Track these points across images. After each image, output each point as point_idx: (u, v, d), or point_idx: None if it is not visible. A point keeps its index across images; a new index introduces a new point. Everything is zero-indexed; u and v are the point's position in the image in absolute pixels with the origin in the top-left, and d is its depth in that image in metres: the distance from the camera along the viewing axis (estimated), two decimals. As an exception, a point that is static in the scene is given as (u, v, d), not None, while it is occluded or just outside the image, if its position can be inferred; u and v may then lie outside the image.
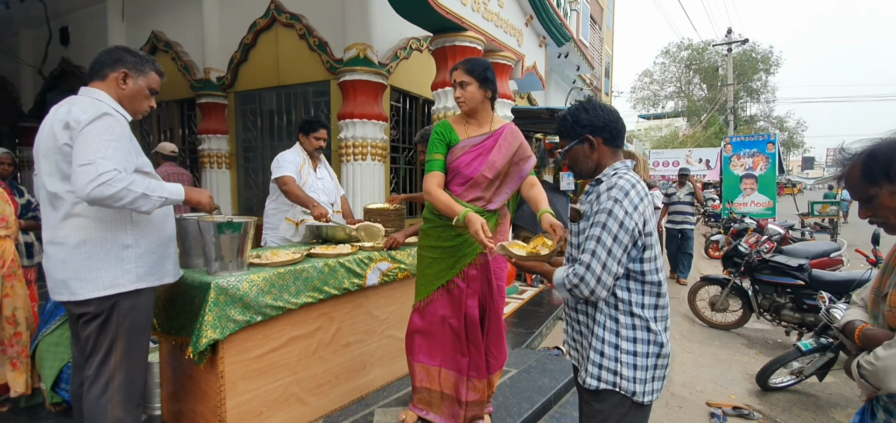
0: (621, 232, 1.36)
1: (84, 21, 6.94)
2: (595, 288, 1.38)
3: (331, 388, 2.40)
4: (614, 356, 1.42)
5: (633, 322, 1.43)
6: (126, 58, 1.75)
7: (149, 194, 1.59)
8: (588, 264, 1.38)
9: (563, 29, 6.21)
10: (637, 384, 1.41)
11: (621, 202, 1.38)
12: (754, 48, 26.55)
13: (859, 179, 1.26)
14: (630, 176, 1.46)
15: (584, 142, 1.51)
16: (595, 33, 13.66)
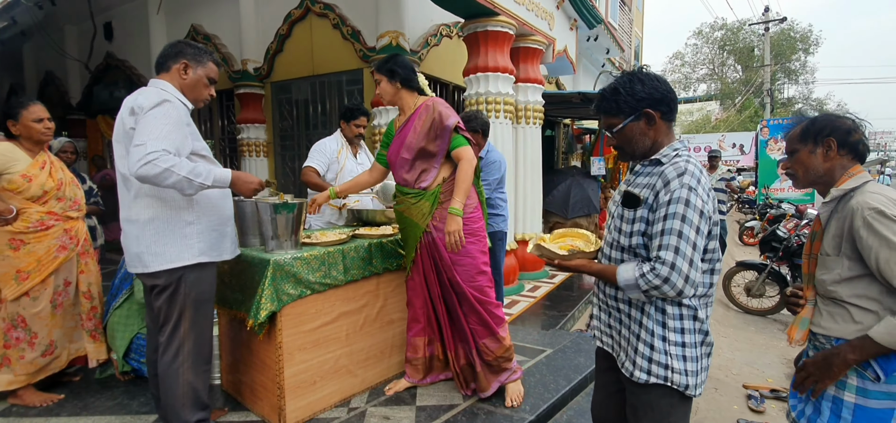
0: (703, 223, 1.28)
1: (126, 16, 7.25)
2: (684, 288, 1.27)
3: (376, 361, 2.53)
4: (664, 349, 1.35)
5: (681, 312, 1.36)
6: (186, 50, 1.89)
7: (192, 179, 1.67)
8: (673, 264, 1.26)
9: (594, 11, 6.12)
10: (689, 377, 1.35)
11: (696, 190, 1.27)
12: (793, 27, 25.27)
13: (798, 135, 1.47)
14: (693, 159, 1.36)
15: (641, 117, 1.37)
16: (624, 15, 13.32)
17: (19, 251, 2.28)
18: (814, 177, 1.47)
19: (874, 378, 1.33)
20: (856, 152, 1.42)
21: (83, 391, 2.55)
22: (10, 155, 2.27)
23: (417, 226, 2.26)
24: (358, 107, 3.19)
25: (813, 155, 1.44)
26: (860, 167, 1.43)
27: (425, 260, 2.31)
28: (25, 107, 2.33)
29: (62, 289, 2.43)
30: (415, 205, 2.24)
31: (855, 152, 1.42)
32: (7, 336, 2.31)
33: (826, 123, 1.43)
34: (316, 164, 3.06)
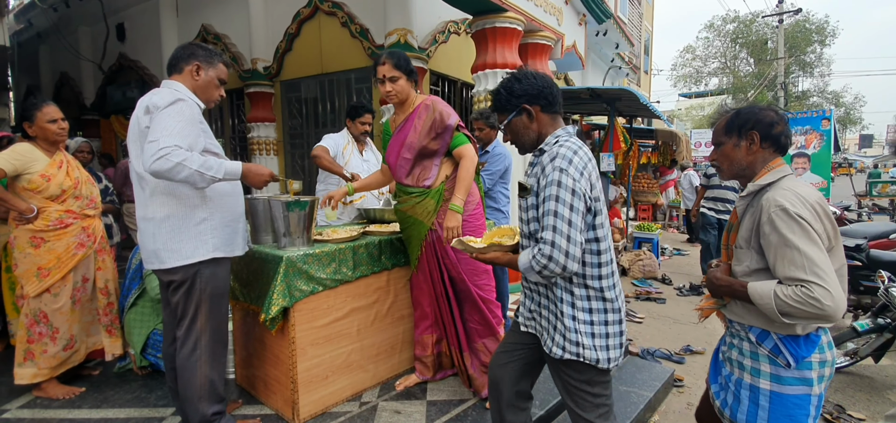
0: (575, 199, 1.37)
1: (138, 17, 7.36)
2: (566, 263, 1.37)
3: (387, 356, 2.56)
4: (574, 328, 1.46)
5: (588, 293, 1.46)
6: (198, 52, 1.93)
7: (203, 172, 1.71)
8: (552, 242, 1.37)
9: (602, 5, 6.08)
10: (599, 351, 1.46)
11: (567, 171, 1.38)
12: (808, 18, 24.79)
13: (723, 127, 1.52)
14: (571, 142, 1.45)
15: (521, 113, 1.50)
16: (634, 9, 13.18)
17: (40, 249, 2.35)
18: (737, 169, 1.50)
19: (785, 365, 1.37)
20: (778, 145, 1.45)
21: (103, 384, 2.62)
22: (29, 155, 2.34)
23: (422, 224, 2.27)
24: (363, 105, 3.22)
25: (737, 148, 1.48)
26: (781, 160, 1.45)
27: (430, 258, 2.32)
28: (39, 108, 2.38)
29: (80, 285, 2.50)
30: (419, 203, 2.26)
31: (777, 145, 1.45)
32: (30, 331, 2.38)
33: (750, 115, 1.47)
34: (325, 144, 3.10)
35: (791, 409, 1.37)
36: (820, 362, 1.38)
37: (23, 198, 2.33)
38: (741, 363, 1.46)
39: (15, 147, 2.35)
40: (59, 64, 8.99)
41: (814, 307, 1.24)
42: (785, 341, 1.37)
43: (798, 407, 1.37)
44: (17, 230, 2.35)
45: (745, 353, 1.45)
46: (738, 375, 1.47)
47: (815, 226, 1.29)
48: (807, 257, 1.26)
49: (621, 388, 2.74)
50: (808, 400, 1.37)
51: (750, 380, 1.43)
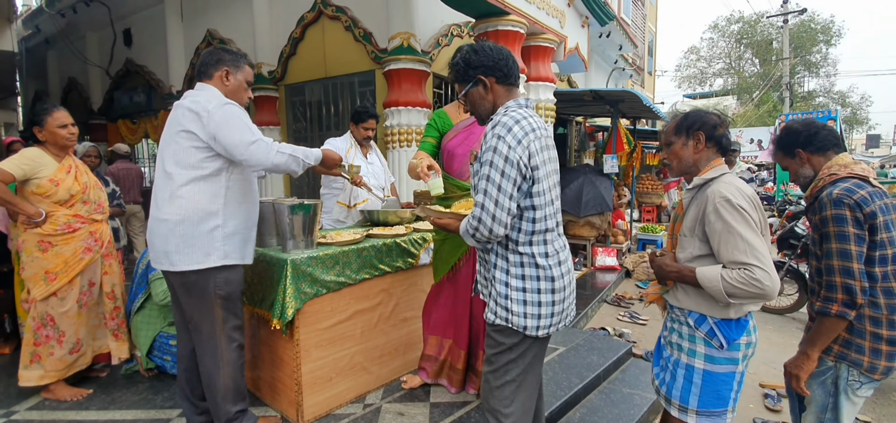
0: (508, 166, 1.40)
1: (145, 22, 7.44)
2: (492, 226, 1.42)
3: (391, 359, 2.57)
4: (505, 293, 1.50)
5: (521, 260, 1.50)
6: (225, 57, 1.97)
7: (297, 157, 1.93)
8: (482, 205, 1.42)
9: (605, 7, 6.08)
10: (528, 319, 1.48)
11: (504, 138, 1.41)
12: (813, 18, 24.65)
13: (673, 129, 1.66)
14: (517, 112, 1.48)
15: (477, 84, 1.55)
16: (637, 10, 13.16)
17: (47, 253, 2.38)
18: (685, 167, 1.65)
19: (719, 346, 1.53)
20: (719, 145, 1.61)
21: (110, 386, 2.65)
22: (38, 160, 2.37)
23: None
24: (367, 109, 3.24)
25: (685, 147, 1.63)
26: (721, 160, 1.61)
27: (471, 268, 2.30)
28: (50, 113, 2.41)
29: (87, 289, 2.52)
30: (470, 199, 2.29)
31: (719, 145, 1.61)
32: (37, 334, 2.41)
33: (696, 118, 1.63)
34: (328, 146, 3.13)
35: (719, 386, 1.55)
36: (747, 343, 1.55)
37: (31, 202, 2.36)
38: (680, 345, 1.61)
39: (24, 152, 2.38)
40: (67, 69, 9.09)
41: (755, 287, 1.41)
42: (719, 324, 1.53)
43: (725, 384, 1.55)
44: (25, 234, 2.38)
45: (684, 336, 1.60)
46: (676, 356, 1.62)
47: (753, 215, 1.46)
48: (748, 243, 1.42)
49: (625, 390, 2.74)
50: (733, 377, 1.55)
51: (686, 360, 1.59)
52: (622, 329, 4.16)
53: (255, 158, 1.82)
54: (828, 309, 1.55)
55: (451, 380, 2.47)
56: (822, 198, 1.60)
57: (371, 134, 3.26)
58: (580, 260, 5.89)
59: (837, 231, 1.54)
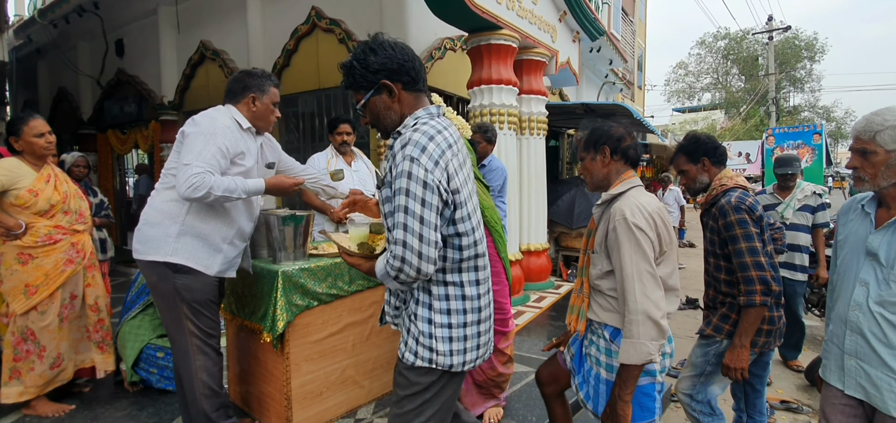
0: (427, 193, 1.19)
1: (138, 33, 7.41)
2: (420, 265, 1.20)
3: (383, 372, 2.54)
4: (429, 332, 1.31)
5: (447, 292, 1.31)
6: (250, 83, 1.98)
7: (228, 195, 1.82)
8: (403, 242, 1.19)
9: (596, 23, 6.18)
10: (454, 357, 1.32)
11: (418, 160, 1.19)
12: (797, 35, 25.27)
13: (582, 144, 1.67)
14: (430, 126, 1.26)
15: (381, 90, 1.29)
16: (627, 26, 13.40)
17: (28, 266, 2.32)
18: (597, 181, 1.65)
19: None
20: (627, 158, 1.61)
21: (93, 401, 2.57)
22: (16, 171, 2.31)
23: None
24: (338, 117, 3.25)
25: (594, 162, 1.64)
26: (631, 172, 1.63)
27: None
28: (26, 122, 2.36)
29: (69, 302, 2.46)
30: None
31: (626, 158, 1.61)
32: (17, 349, 2.34)
33: (602, 133, 1.62)
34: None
35: (641, 398, 1.54)
36: (662, 354, 1.56)
37: (10, 214, 2.30)
38: (598, 358, 1.60)
39: (1, 162, 2.32)
40: (58, 79, 9.01)
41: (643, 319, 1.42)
42: None
43: (646, 396, 1.55)
44: (3, 247, 2.31)
45: (601, 349, 1.58)
46: (596, 370, 1.61)
47: (650, 234, 1.46)
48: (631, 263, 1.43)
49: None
50: (654, 388, 1.56)
51: (605, 375, 1.57)
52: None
53: (178, 180, 1.78)
54: (752, 301, 1.74)
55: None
56: (723, 204, 1.83)
57: (346, 138, 3.23)
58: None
59: (744, 233, 1.77)
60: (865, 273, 1.40)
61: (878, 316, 1.36)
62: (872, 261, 1.39)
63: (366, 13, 4.94)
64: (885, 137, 1.33)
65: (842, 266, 1.49)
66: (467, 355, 1.35)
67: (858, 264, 1.43)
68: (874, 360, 1.38)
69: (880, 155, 1.35)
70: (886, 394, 1.35)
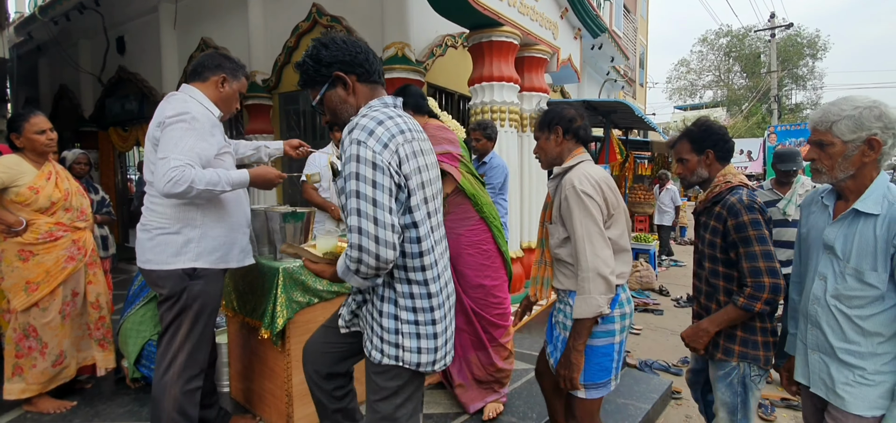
0: (378, 174, 1.16)
1: (138, 30, 7.40)
2: (379, 251, 1.15)
3: (383, 369, 2.54)
4: (395, 328, 1.30)
5: (411, 290, 1.29)
6: (225, 64, 1.91)
7: (212, 188, 1.71)
8: (359, 229, 1.15)
9: (597, 20, 6.16)
10: (422, 354, 1.30)
11: (365, 143, 1.17)
12: (799, 32, 25.19)
13: (537, 126, 1.76)
14: (382, 112, 1.25)
15: (336, 84, 1.30)
16: (629, 23, 13.36)
17: (28, 263, 2.31)
18: (551, 159, 1.75)
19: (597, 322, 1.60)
20: (578, 136, 1.71)
21: (95, 398, 2.58)
22: (16, 168, 2.30)
23: None
24: None
25: (548, 141, 1.73)
26: (582, 149, 1.73)
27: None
28: (27, 119, 2.35)
29: (70, 299, 2.46)
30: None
31: (577, 137, 1.71)
32: (19, 346, 2.34)
33: (554, 114, 1.73)
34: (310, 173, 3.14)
35: (600, 358, 1.63)
36: (621, 315, 1.64)
37: (11, 211, 2.29)
38: (565, 324, 1.68)
39: (1, 159, 2.32)
40: (59, 76, 9.02)
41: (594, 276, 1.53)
42: None
43: (605, 356, 1.63)
44: (4, 243, 2.31)
45: (568, 315, 1.66)
46: (563, 334, 1.68)
47: (597, 198, 1.57)
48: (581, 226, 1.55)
49: (619, 400, 2.72)
50: (613, 348, 1.64)
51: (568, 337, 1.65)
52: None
53: (155, 176, 1.68)
54: (752, 306, 1.59)
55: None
56: (734, 203, 1.63)
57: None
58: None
59: (758, 234, 1.59)
60: (823, 267, 1.38)
61: (835, 309, 1.34)
62: (829, 254, 1.36)
63: (366, 10, 4.93)
64: (842, 127, 1.29)
65: (803, 260, 1.48)
66: (437, 354, 1.33)
67: (817, 257, 1.41)
68: (832, 355, 1.36)
69: (837, 146, 1.31)
70: (845, 389, 1.33)
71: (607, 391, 1.67)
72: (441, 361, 1.35)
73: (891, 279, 1.26)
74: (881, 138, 1.27)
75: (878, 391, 1.29)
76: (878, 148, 1.28)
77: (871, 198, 1.29)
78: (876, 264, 1.27)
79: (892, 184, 1.31)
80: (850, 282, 1.31)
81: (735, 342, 1.68)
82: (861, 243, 1.29)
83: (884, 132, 1.27)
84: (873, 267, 1.27)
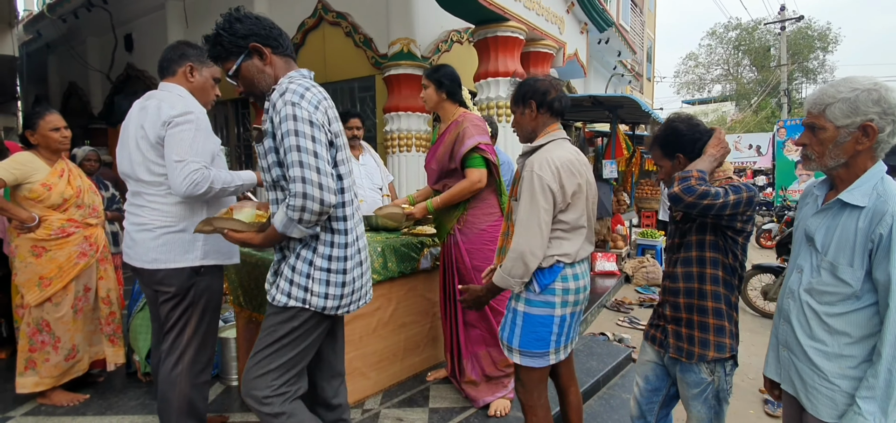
0: (316, 130, 1.30)
1: (146, 28, 7.46)
2: (323, 196, 1.29)
3: (389, 364, 2.56)
4: (307, 272, 1.38)
5: (332, 239, 1.40)
6: (189, 52, 1.83)
7: (226, 188, 1.76)
8: (303, 178, 1.27)
9: (604, 14, 6.11)
10: (328, 300, 1.40)
11: (299, 104, 1.29)
12: (810, 25, 24.80)
13: (512, 101, 1.77)
14: (304, 82, 1.37)
15: (252, 55, 1.38)
16: (636, 17, 13.23)
17: (41, 258, 2.35)
18: (527, 133, 1.74)
19: (535, 292, 1.64)
20: (552, 110, 1.69)
21: (107, 391, 2.63)
22: (30, 165, 2.33)
23: (444, 227, 2.39)
24: (349, 111, 3.23)
25: (523, 115, 1.72)
26: (557, 124, 1.72)
27: (446, 261, 2.40)
28: (42, 117, 2.38)
29: (82, 295, 2.49)
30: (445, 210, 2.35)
31: (552, 110, 1.69)
32: (32, 340, 2.38)
33: (528, 87, 1.71)
34: None
35: (536, 326, 1.65)
36: (563, 289, 1.64)
37: (24, 207, 2.33)
38: (518, 295, 1.70)
39: (15, 157, 2.35)
40: (68, 74, 9.11)
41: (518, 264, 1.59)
42: (535, 272, 1.64)
43: (542, 326, 1.65)
44: (18, 239, 2.36)
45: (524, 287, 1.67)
46: (514, 305, 1.72)
47: (551, 186, 1.57)
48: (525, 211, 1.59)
49: (624, 396, 2.73)
50: (552, 320, 1.65)
51: (513, 305, 1.72)
52: (621, 334, 4.15)
53: (173, 179, 1.65)
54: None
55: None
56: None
57: (357, 133, 3.23)
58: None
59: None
60: (802, 259, 1.30)
61: (805, 304, 1.26)
62: (809, 246, 1.29)
63: (372, 6, 4.93)
64: (836, 110, 1.18)
65: (792, 255, 1.40)
66: (343, 300, 1.43)
67: (799, 248, 1.34)
68: (799, 352, 1.28)
69: (829, 131, 1.19)
70: (812, 391, 1.25)
71: (545, 364, 1.68)
72: (346, 307, 1.45)
73: (867, 277, 1.17)
74: (877, 125, 1.15)
75: (844, 397, 1.20)
76: (873, 135, 1.16)
77: (860, 189, 1.19)
78: (853, 260, 1.18)
79: (888, 177, 1.20)
80: (824, 276, 1.23)
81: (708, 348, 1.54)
82: (842, 236, 1.20)
83: (881, 118, 1.15)
84: (850, 262, 1.18)
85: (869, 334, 1.18)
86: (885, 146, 1.19)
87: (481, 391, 2.37)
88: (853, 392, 1.19)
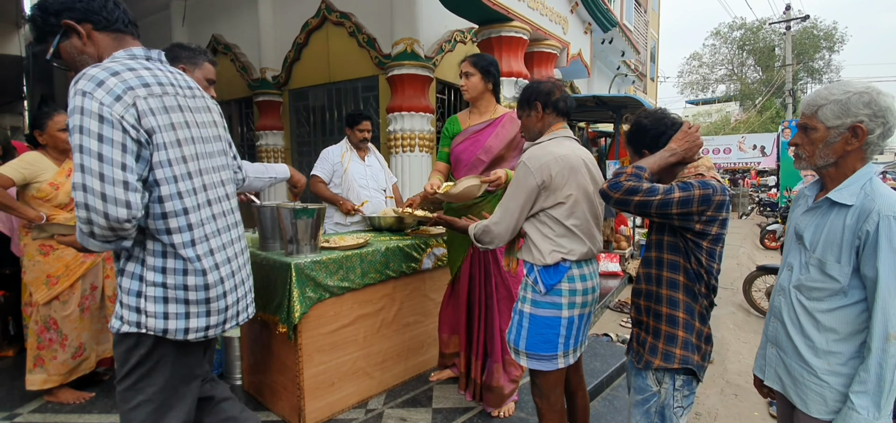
0: (105, 128, 1.07)
1: (149, 28, 7.48)
2: (108, 210, 1.07)
3: (393, 364, 2.57)
4: (138, 291, 1.19)
5: (163, 249, 1.20)
6: (181, 54, 1.82)
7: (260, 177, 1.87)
8: (83, 185, 1.07)
9: (608, 14, 6.10)
10: (170, 320, 1.19)
11: (92, 94, 1.07)
12: (816, 24, 24.67)
13: (518, 105, 1.78)
14: (120, 63, 1.15)
15: (68, 34, 1.19)
16: (640, 17, 13.20)
17: (49, 257, 2.38)
18: (534, 135, 1.76)
19: (541, 292, 1.63)
20: (558, 110, 1.71)
21: (113, 389, 2.64)
22: (38, 165, 2.37)
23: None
24: (360, 112, 3.28)
25: (530, 118, 1.74)
26: (562, 124, 1.73)
27: (476, 263, 2.33)
28: (51, 117, 2.41)
29: (89, 293, 2.52)
30: (481, 204, 2.29)
31: (557, 110, 1.71)
32: (40, 338, 2.41)
33: (532, 90, 1.73)
34: (320, 172, 3.18)
35: (543, 329, 1.63)
36: (569, 290, 1.62)
37: (32, 206, 2.37)
38: (524, 296, 1.70)
39: (24, 157, 2.38)
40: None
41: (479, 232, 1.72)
42: (541, 271, 1.64)
43: (549, 327, 1.63)
44: (25, 238, 2.39)
45: (525, 286, 1.70)
46: (520, 306, 1.71)
47: (536, 176, 1.59)
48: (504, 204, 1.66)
49: (627, 397, 2.72)
50: (559, 321, 1.63)
51: (520, 307, 1.71)
52: (625, 335, 4.14)
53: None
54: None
55: (460, 381, 2.48)
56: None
57: (367, 136, 3.26)
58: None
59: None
60: (792, 256, 1.34)
61: (796, 301, 1.30)
62: (799, 244, 1.32)
63: (375, 6, 4.94)
64: (827, 112, 1.21)
65: (783, 252, 1.43)
66: (190, 322, 1.22)
67: (789, 247, 1.37)
68: (790, 349, 1.31)
69: (820, 131, 1.23)
70: (802, 388, 1.27)
71: (553, 367, 1.64)
72: (199, 331, 1.24)
73: (854, 274, 1.20)
74: (867, 126, 1.17)
75: (833, 393, 1.23)
76: (862, 136, 1.19)
77: (848, 189, 1.22)
78: (840, 256, 1.21)
79: (876, 178, 1.23)
80: (813, 273, 1.26)
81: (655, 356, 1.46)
82: (830, 234, 1.23)
83: (871, 120, 1.17)
84: (837, 259, 1.21)
85: (856, 332, 1.22)
86: (874, 148, 1.22)
87: (498, 399, 2.32)
88: (841, 389, 1.22)
